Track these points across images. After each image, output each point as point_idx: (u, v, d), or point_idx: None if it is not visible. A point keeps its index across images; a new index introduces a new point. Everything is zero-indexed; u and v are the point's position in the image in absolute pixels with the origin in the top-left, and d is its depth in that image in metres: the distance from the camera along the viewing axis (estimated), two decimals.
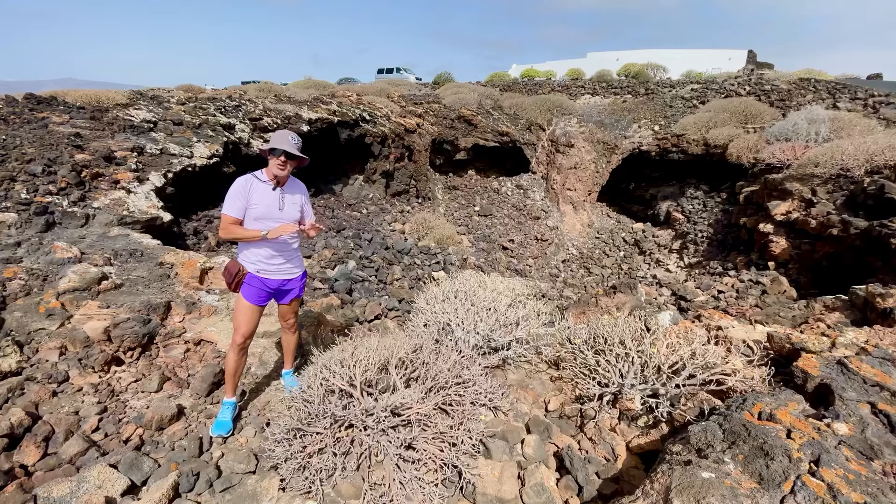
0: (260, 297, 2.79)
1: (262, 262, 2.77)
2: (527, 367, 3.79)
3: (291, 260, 2.90)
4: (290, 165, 2.69)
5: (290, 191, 2.79)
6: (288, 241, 2.82)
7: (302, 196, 2.88)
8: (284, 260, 2.84)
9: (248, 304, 2.75)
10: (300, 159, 2.71)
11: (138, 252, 4.50)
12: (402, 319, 6.50)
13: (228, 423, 2.77)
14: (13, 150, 6.23)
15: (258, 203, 2.65)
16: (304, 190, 2.94)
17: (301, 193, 2.88)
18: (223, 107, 10.45)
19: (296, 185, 2.87)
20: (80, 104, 8.51)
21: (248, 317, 2.75)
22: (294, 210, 2.78)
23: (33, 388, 2.90)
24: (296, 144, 2.66)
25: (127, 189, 5.83)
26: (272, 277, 2.81)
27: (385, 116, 15.17)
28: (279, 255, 2.81)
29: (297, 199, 2.83)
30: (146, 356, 3.31)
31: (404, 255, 9.65)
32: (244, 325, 2.75)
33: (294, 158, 2.67)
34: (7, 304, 3.49)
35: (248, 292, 2.76)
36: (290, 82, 21.00)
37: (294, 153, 2.63)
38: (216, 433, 2.71)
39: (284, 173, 2.68)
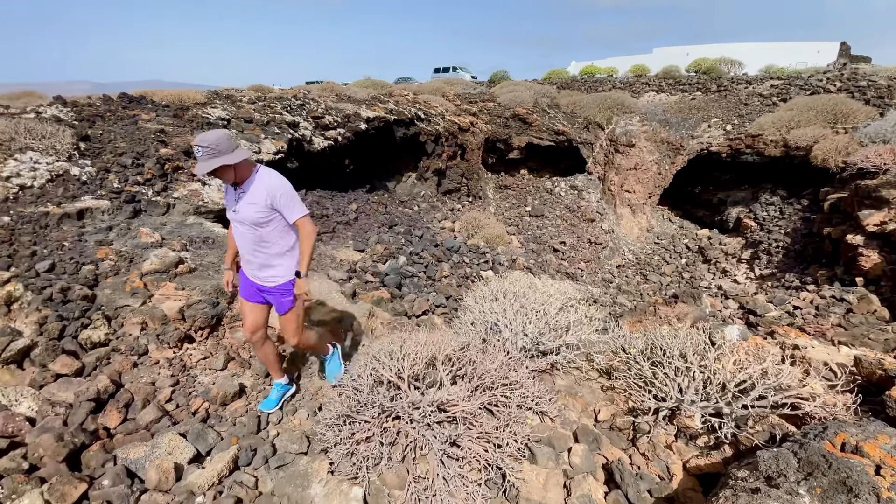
0: (248, 292, 2.72)
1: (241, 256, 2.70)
2: (576, 373, 3.68)
3: (258, 265, 2.62)
4: (221, 172, 2.33)
5: (252, 190, 2.45)
6: (251, 244, 2.57)
7: (268, 195, 2.45)
8: (248, 261, 2.65)
9: (241, 297, 2.77)
10: (219, 168, 2.29)
11: (210, 239, 4.87)
12: (448, 316, 6.54)
13: (272, 402, 2.93)
14: (108, 144, 6.96)
15: (226, 203, 2.59)
16: (277, 187, 2.48)
17: (267, 192, 2.45)
18: (289, 105, 11.03)
19: (262, 183, 2.47)
20: (165, 103, 9.34)
21: (244, 311, 2.78)
22: (251, 211, 2.45)
23: (117, 358, 3.23)
24: (205, 153, 2.24)
25: (202, 181, 6.32)
26: (248, 276, 2.71)
27: (439, 115, 15.31)
28: (244, 254, 2.65)
29: (259, 199, 2.43)
30: (214, 336, 3.58)
31: (453, 252, 9.70)
32: (244, 320, 2.77)
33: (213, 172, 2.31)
34: (99, 282, 3.91)
35: (241, 285, 2.78)
36: (350, 82, 21.79)
37: (203, 169, 2.26)
38: (261, 409, 2.90)
39: (225, 178, 2.41)
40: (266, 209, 2.46)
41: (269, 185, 2.47)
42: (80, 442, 2.53)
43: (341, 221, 9.59)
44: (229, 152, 2.28)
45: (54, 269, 4.00)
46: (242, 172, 2.42)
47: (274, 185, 2.48)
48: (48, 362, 3.10)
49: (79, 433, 2.57)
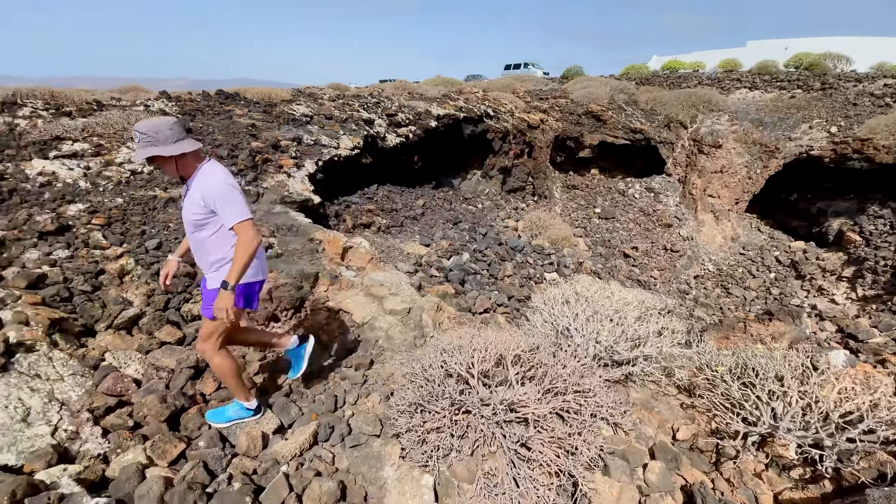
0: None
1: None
2: (652, 387, 3.47)
3: (204, 268, 2.44)
4: (159, 163, 2.18)
5: (192, 188, 2.24)
6: (193, 247, 2.42)
7: (202, 195, 2.18)
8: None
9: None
10: (158, 158, 2.15)
11: (294, 228, 5.22)
12: (510, 316, 6.47)
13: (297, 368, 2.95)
14: (207, 136, 7.68)
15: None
16: (211, 186, 2.17)
17: (201, 192, 2.18)
18: (365, 103, 11.48)
19: (203, 179, 2.21)
20: (256, 100, 10.13)
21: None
22: (189, 209, 2.25)
23: None
24: (142, 140, 2.10)
25: (288, 173, 6.79)
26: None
27: (509, 112, 15.13)
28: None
29: (195, 198, 2.20)
30: (297, 317, 3.83)
31: (517, 252, 9.57)
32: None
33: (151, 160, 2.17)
34: None
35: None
36: (421, 80, 22.22)
37: (138, 157, 2.14)
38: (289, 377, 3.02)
39: (167, 171, 2.26)
40: (202, 210, 2.20)
41: (203, 184, 2.18)
42: (179, 405, 2.82)
43: (409, 216, 9.82)
44: (166, 143, 2.10)
45: (161, 248, 4.49)
46: (186, 167, 2.21)
47: (207, 185, 2.17)
48: (154, 330, 3.50)
49: (179, 397, 2.87)
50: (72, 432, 2.48)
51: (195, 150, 2.21)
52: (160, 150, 2.10)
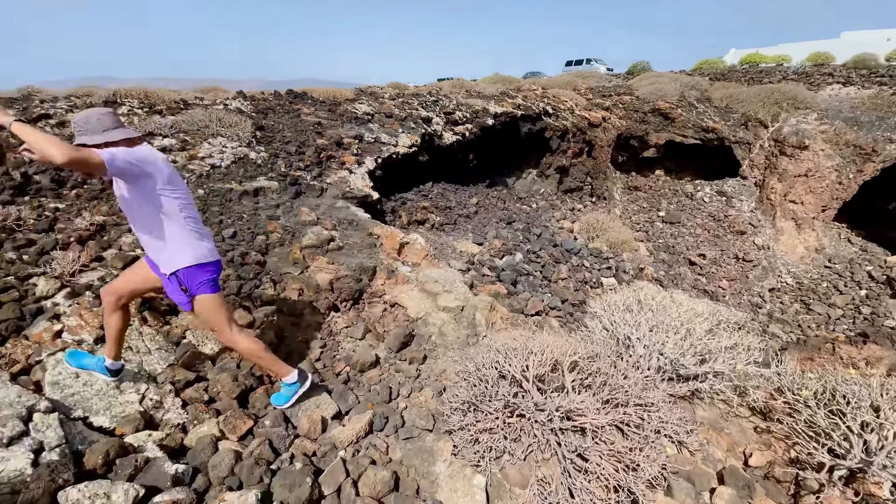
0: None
1: None
2: (722, 407, 3.23)
3: (147, 245, 2.36)
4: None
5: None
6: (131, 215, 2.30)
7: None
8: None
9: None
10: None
11: (354, 222, 5.41)
12: (563, 320, 6.29)
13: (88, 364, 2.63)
14: (277, 134, 8.14)
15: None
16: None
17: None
18: (424, 102, 11.64)
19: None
20: (322, 99, 10.59)
21: (135, 265, 2.59)
22: (118, 190, 2.25)
23: (280, 316, 3.77)
24: (74, 130, 2.14)
25: (349, 170, 7.04)
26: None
27: (569, 110, 14.70)
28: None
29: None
30: (355, 308, 3.97)
31: (572, 254, 9.28)
32: (122, 274, 2.56)
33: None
34: (269, 251, 4.62)
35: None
36: (479, 78, 22.15)
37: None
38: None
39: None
40: (123, 187, 2.18)
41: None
42: (249, 384, 3.01)
43: (462, 214, 9.84)
44: (94, 133, 2.11)
45: (236, 237, 4.82)
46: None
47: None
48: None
49: (248, 377, 3.07)
50: (156, 402, 2.73)
51: (127, 139, 2.19)
52: (85, 139, 2.11)
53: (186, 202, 2.36)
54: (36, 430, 2.19)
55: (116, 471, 2.10)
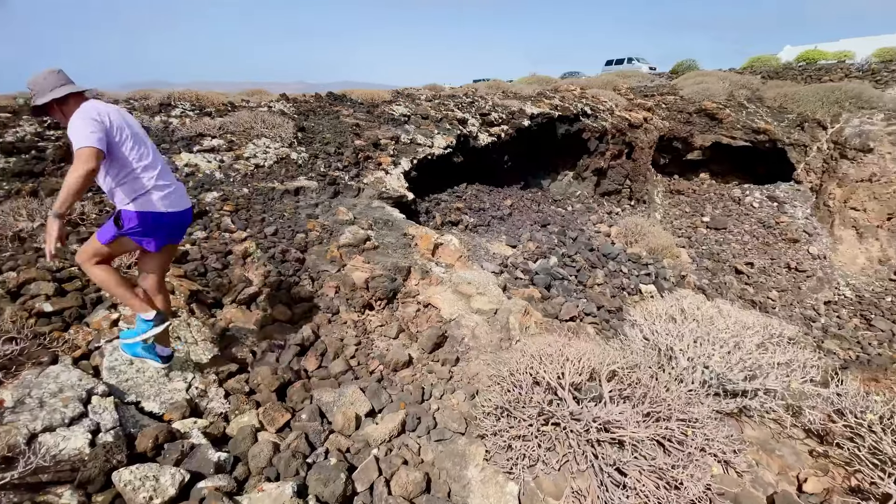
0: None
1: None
2: (773, 426, 3.03)
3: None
4: (50, 113, 2.27)
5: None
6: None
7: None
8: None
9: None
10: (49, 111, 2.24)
11: (390, 222, 5.47)
12: (599, 327, 6.11)
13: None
14: (317, 135, 8.36)
15: None
16: (71, 121, 2.13)
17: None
18: (459, 103, 11.64)
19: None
20: (360, 101, 10.80)
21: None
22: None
23: (317, 313, 3.87)
24: (31, 93, 2.20)
25: (385, 170, 7.14)
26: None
27: (608, 111, 14.31)
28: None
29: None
30: (389, 308, 4.01)
31: (609, 259, 9.01)
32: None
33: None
34: (308, 248, 4.75)
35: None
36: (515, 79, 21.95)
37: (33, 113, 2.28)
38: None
39: (59, 120, 2.29)
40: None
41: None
42: (287, 378, 3.09)
43: (496, 216, 9.77)
44: (43, 94, 2.15)
45: (277, 234, 4.98)
46: (69, 112, 2.19)
47: (69, 124, 2.13)
48: (269, 308, 3.88)
49: (287, 371, 3.16)
50: (201, 391, 2.85)
51: (77, 94, 2.24)
52: (37, 101, 2.17)
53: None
54: (94, 412, 2.33)
55: (164, 455, 2.21)
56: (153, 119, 7.37)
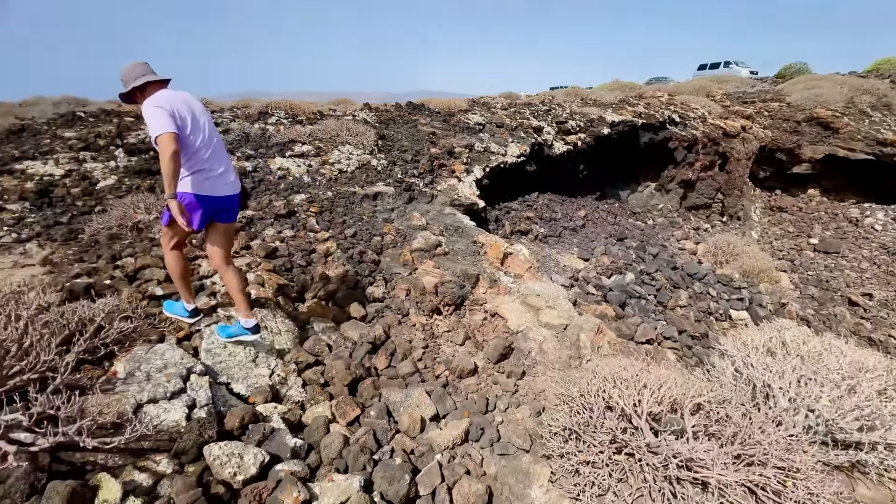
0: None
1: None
2: (893, 488, 2.58)
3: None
4: (135, 100, 2.54)
5: None
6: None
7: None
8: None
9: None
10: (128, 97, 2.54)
11: (460, 229, 5.53)
12: (680, 353, 5.64)
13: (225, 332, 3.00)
14: (396, 143, 8.71)
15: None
16: (144, 109, 2.42)
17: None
18: (536, 111, 11.49)
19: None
20: (437, 110, 11.07)
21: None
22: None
23: (388, 314, 4.00)
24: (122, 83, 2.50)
25: (458, 178, 7.24)
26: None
27: (700, 118, 13.26)
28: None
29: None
30: (457, 314, 4.04)
31: (695, 280, 8.29)
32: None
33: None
34: (383, 251, 4.94)
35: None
36: (595, 85, 21.17)
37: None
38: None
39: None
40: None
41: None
42: (359, 374, 3.23)
43: (568, 227, 9.46)
44: (127, 83, 2.45)
45: (356, 236, 5.25)
46: (144, 99, 2.44)
47: (143, 111, 2.41)
48: (345, 305, 4.09)
49: (359, 367, 3.29)
50: (282, 378, 3.07)
51: (156, 82, 2.51)
52: (122, 89, 2.48)
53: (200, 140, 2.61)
54: (191, 388, 2.60)
55: (248, 435, 2.40)
56: (253, 126, 8.16)
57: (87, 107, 9.34)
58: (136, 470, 2.08)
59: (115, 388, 2.42)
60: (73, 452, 2.05)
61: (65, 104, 9.99)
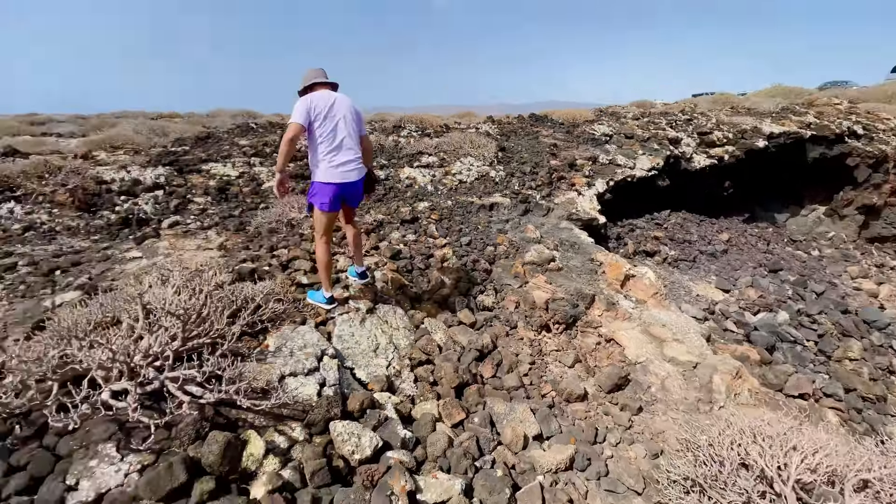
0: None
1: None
2: None
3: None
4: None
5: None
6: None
7: None
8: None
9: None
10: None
11: (576, 245, 5.32)
12: (846, 416, 4.60)
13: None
14: (515, 155, 8.75)
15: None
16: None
17: None
18: (673, 121, 10.50)
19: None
20: (561, 121, 10.84)
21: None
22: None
23: (497, 324, 4.04)
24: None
25: (578, 191, 6.98)
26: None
27: (892, 131, 10.70)
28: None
29: None
30: (567, 334, 3.90)
31: (874, 329, 6.67)
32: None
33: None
34: (495, 261, 5.01)
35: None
36: (749, 92, 18.51)
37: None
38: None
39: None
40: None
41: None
42: (465, 379, 3.32)
43: (705, 251, 8.40)
44: (303, 84, 3.01)
45: (470, 244, 5.41)
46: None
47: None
48: (456, 310, 4.24)
49: (466, 372, 3.38)
50: (397, 371, 3.31)
51: (322, 84, 3.03)
52: (299, 88, 3.05)
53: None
54: (324, 368, 2.94)
55: (366, 419, 2.64)
56: (387, 139, 8.98)
57: (257, 119, 11.28)
58: (276, 432, 2.44)
59: (266, 359, 2.87)
60: (229, 409, 2.47)
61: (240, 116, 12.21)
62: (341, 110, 3.03)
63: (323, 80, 3.05)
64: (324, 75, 3.08)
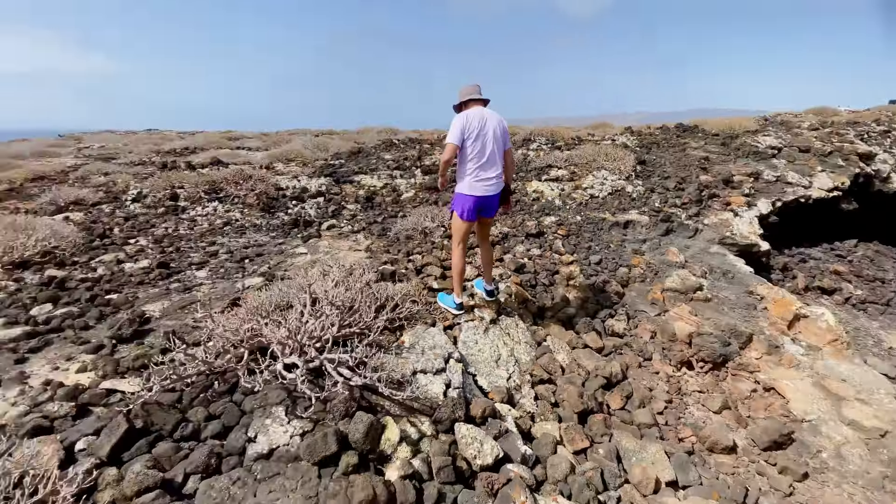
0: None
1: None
2: None
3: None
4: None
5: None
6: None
7: None
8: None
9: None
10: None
11: (730, 274, 4.67)
12: None
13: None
14: (657, 168, 8.04)
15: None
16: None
17: None
18: (864, 133, 8.55)
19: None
20: (715, 132, 9.63)
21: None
22: None
23: (628, 352, 3.76)
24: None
25: (734, 212, 6.12)
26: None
27: None
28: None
29: None
30: (714, 374, 3.44)
31: None
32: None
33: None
34: (629, 284, 4.68)
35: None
36: None
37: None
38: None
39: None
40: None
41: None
42: (590, 407, 3.16)
43: None
44: (460, 99, 3.27)
45: (600, 263, 5.15)
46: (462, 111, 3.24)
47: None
48: (582, 332, 4.07)
49: (591, 399, 3.22)
50: (517, 385, 3.32)
51: (476, 100, 3.24)
52: (455, 102, 3.31)
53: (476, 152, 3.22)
54: (450, 370, 3.10)
55: (488, 427, 2.71)
56: (517, 152, 9.06)
57: (398, 135, 12.38)
58: (408, 423, 2.65)
59: (402, 354, 3.14)
60: (371, 394, 2.77)
61: (384, 133, 13.52)
62: (491, 127, 3.22)
63: (477, 97, 3.26)
64: (478, 92, 3.30)
